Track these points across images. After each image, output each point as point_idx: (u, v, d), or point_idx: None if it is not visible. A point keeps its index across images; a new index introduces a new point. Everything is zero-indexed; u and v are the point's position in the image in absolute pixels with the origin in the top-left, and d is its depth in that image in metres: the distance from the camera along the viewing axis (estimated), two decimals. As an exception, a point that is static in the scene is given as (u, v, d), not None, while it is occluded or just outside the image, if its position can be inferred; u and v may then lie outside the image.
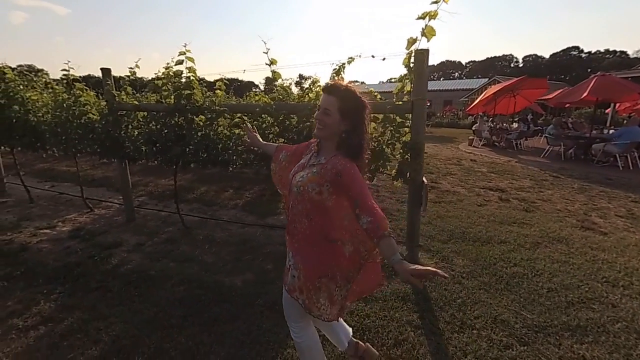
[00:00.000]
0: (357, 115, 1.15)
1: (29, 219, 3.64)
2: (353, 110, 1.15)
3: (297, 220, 1.23)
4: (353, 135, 1.15)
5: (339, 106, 1.13)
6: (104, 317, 1.99)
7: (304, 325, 1.36)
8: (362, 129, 1.17)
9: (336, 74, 3.08)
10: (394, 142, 2.39)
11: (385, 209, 4.10)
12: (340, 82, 1.19)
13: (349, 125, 1.14)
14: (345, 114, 1.14)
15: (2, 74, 3.81)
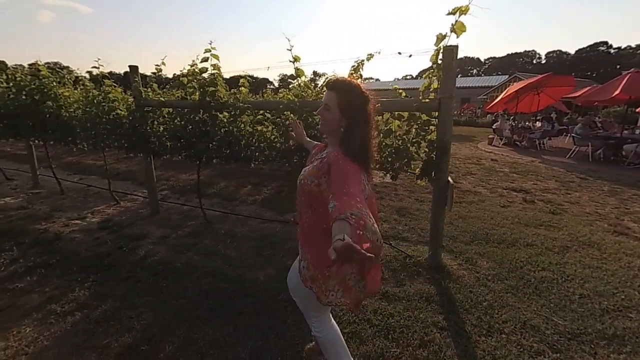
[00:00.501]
0: (357, 110, 1.13)
1: (61, 210, 3.82)
2: (353, 106, 1.13)
3: (302, 212, 1.25)
4: (354, 130, 1.13)
5: (338, 101, 1.13)
6: (134, 306, 2.07)
7: (323, 319, 1.37)
8: (363, 124, 1.14)
9: (354, 71, 3.05)
10: (419, 140, 2.35)
11: (404, 208, 4.05)
12: (342, 78, 1.18)
13: (349, 121, 1.13)
14: (344, 110, 1.13)
15: (37, 71, 3.99)
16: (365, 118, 1.15)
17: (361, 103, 1.14)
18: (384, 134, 2.47)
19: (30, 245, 2.86)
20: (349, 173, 1.02)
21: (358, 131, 1.13)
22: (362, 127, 1.14)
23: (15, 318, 1.96)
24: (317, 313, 1.35)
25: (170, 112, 3.35)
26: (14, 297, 2.16)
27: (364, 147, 1.13)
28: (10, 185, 4.80)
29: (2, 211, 3.68)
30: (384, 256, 1.31)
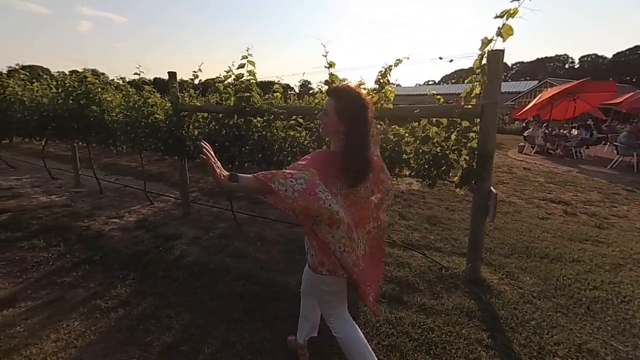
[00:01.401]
0: (354, 115, 1.17)
1: (100, 209, 4.02)
2: (350, 111, 1.17)
3: None
4: (351, 134, 1.17)
5: (335, 106, 1.18)
6: (172, 305, 2.12)
7: (339, 317, 1.39)
8: (360, 128, 1.17)
9: (382, 77, 3.01)
10: (459, 147, 2.27)
11: (435, 217, 3.92)
12: (342, 85, 1.24)
13: (346, 125, 1.17)
14: (341, 115, 1.17)
15: (84, 77, 4.27)
16: (362, 123, 1.18)
17: (358, 109, 1.18)
18: (421, 141, 2.41)
19: (75, 242, 3.02)
20: (304, 159, 1.15)
21: (356, 135, 1.17)
22: (359, 131, 1.17)
23: (64, 311, 2.06)
24: (331, 311, 1.38)
25: (205, 116, 3.45)
26: (62, 291, 2.27)
27: (355, 151, 1.16)
28: (55, 183, 5.12)
29: (49, 208, 3.93)
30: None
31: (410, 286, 2.39)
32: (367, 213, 1.29)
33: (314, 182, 1.03)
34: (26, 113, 4.79)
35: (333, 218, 1.05)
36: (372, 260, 1.33)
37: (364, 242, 1.30)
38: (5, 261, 2.67)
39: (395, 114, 2.42)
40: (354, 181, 1.19)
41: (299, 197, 0.99)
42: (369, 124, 1.20)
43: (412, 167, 2.47)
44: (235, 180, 1.04)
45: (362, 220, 1.28)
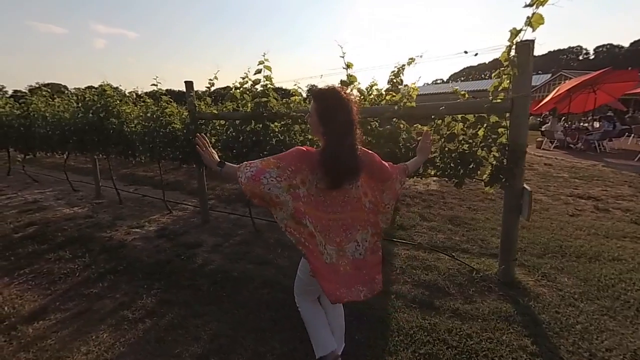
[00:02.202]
0: (332, 117, 1.20)
1: (121, 219, 4.07)
2: (328, 113, 1.20)
3: None
4: (329, 135, 1.21)
5: (316, 108, 1.24)
6: (199, 315, 2.09)
7: (301, 300, 1.57)
8: (338, 129, 1.19)
9: (395, 76, 2.94)
10: (489, 144, 2.17)
11: (457, 217, 3.80)
12: (325, 87, 1.26)
13: (325, 127, 1.21)
14: (321, 116, 1.22)
15: (103, 91, 4.37)
16: (341, 124, 1.19)
17: (337, 110, 1.20)
18: (446, 139, 2.32)
19: (99, 252, 3.05)
20: (278, 155, 1.23)
21: (332, 136, 1.20)
22: (337, 132, 1.19)
23: (93, 323, 2.06)
24: (298, 290, 1.57)
25: (222, 124, 3.46)
26: (89, 302, 2.28)
27: (330, 151, 1.19)
28: (77, 195, 5.25)
29: (73, 220, 4.01)
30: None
31: (441, 290, 2.30)
32: (362, 215, 1.33)
33: (262, 170, 1.17)
34: (48, 128, 4.94)
35: (273, 201, 1.16)
36: (372, 267, 1.38)
37: (366, 245, 1.36)
38: (34, 273, 2.71)
39: (418, 113, 2.35)
40: (332, 182, 1.23)
41: (247, 182, 1.17)
42: (347, 125, 1.20)
43: (437, 166, 2.38)
44: (221, 166, 1.30)
45: (356, 221, 1.32)
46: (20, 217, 4.13)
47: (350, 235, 1.32)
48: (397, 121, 2.46)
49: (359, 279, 1.33)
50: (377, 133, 2.50)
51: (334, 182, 1.23)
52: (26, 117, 5.38)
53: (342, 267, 1.29)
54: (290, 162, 1.20)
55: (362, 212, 1.33)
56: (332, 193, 1.26)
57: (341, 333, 1.61)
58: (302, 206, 1.19)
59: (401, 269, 2.63)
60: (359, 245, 1.33)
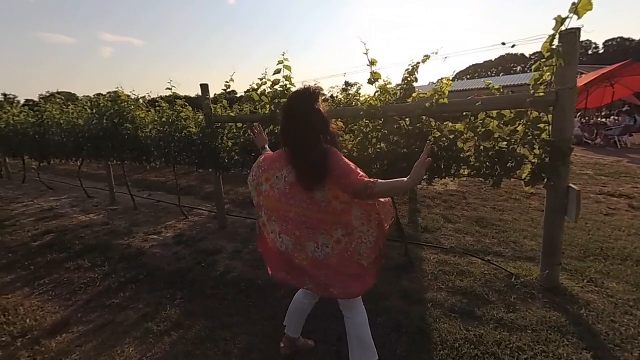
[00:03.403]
0: (293, 117, 1.33)
1: (137, 225, 4.01)
2: (290, 113, 1.35)
3: None
4: (291, 134, 1.35)
5: (284, 109, 1.42)
6: (226, 326, 1.99)
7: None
8: (299, 128, 1.30)
9: (409, 74, 2.82)
10: (531, 141, 2.03)
11: (483, 218, 3.65)
12: (295, 90, 1.42)
13: (285, 139, 1.39)
14: (286, 117, 1.38)
15: (117, 96, 4.34)
16: (300, 123, 1.29)
17: (295, 111, 1.31)
18: (482, 136, 2.19)
19: (118, 261, 2.99)
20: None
21: (292, 135, 1.32)
22: (298, 131, 1.30)
23: (117, 336, 1.98)
24: None
25: (240, 126, 3.38)
26: (112, 314, 2.20)
27: (292, 149, 1.33)
28: (91, 202, 5.23)
29: (90, 227, 3.96)
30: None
31: (480, 297, 2.16)
32: (327, 217, 1.30)
33: (252, 168, 1.52)
34: (63, 135, 4.94)
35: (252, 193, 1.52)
36: (338, 272, 1.32)
37: (327, 250, 1.32)
38: (54, 283, 2.65)
39: (452, 109, 2.23)
40: (297, 176, 1.30)
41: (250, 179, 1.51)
42: (306, 125, 1.27)
43: (472, 165, 2.25)
44: (262, 151, 1.73)
45: (323, 224, 1.30)
46: (37, 225, 4.11)
47: (312, 234, 1.31)
48: (427, 118, 2.34)
49: (314, 277, 1.33)
50: (406, 132, 2.39)
51: (298, 177, 1.29)
52: (40, 124, 5.40)
53: (298, 260, 1.33)
54: (265, 162, 1.46)
55: (332, 215, 1.30)
56: (298, 187, 1.31)
57: (359, 344, 1.43)
58: (261, 200, 1.43)
59: (433, 274, 2.49)
60: (318, 248, 1.31)
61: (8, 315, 2.22)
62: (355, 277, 1.34)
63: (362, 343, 1.42)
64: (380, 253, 1.41)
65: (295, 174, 1.30)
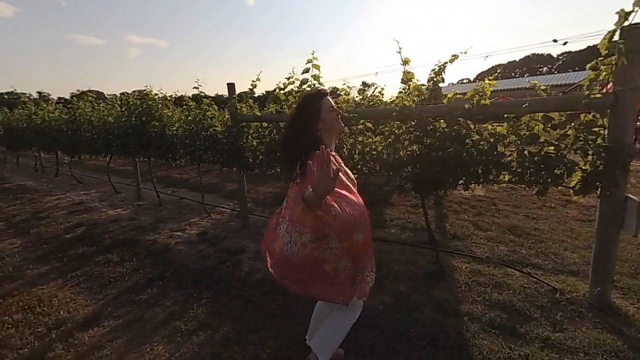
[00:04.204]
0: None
1: (162, 221, 4.08)
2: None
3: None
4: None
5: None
6: (253, 330, 1.95)
7: None
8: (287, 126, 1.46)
9: (436, 74, 2.68)
10: (585, 146, 1.87)
11: (516, 227, 3.45)
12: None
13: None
14: None
15: (145, 95, 4.44)
16: (289, 122, 1.42)
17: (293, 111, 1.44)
18: (525, 141, 2.04)
19: (145, 256, 3.03)
20: None
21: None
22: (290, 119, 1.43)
23: (146, 333, 1.98)
24: None
25: (266, 126, 3.36)
26: (140, 310, 2.22)
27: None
28: (118, 197, 5.39)
29: (117, 221, 4.07)
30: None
31: (520, 313, 2.01)
32: (301, 215, 1.25)
33: None
34: (94, 132, 5.12)
35: None
36: (301, 271, 1.31)
37: (294, 248, 1.26)
38: (85, 276, 2.72)
39: (494, 111, 2.10)
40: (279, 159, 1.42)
41: None
42: (290, 124, 1.40)
43: (514, 171, 2.11)
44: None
45: (297, 221, 1.27)
46: (69, 218, 4.27)
47: (290, 228, 1.29)
48: (464, 121, 2.22)
49: (285, 266, 1.34)
50: (441, 134, 2.27)
51: (279, 159, 1.43)
52: (73, 121, 5.62)
53: (278, 247, 1.32)
54: None
55: (304, 214, 1.24)
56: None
57: (318, 333, 1.53)
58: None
59: (466, 285, 2.36)
60: (290, 242, 1.27)
61: (43, 306, 2.29)
62: (318, 281, 1.30)
63: (319, 333, 1.51)
64: (351, 267, 1.31)
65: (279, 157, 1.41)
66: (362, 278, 1.38)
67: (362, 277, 1.38)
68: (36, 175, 7.73)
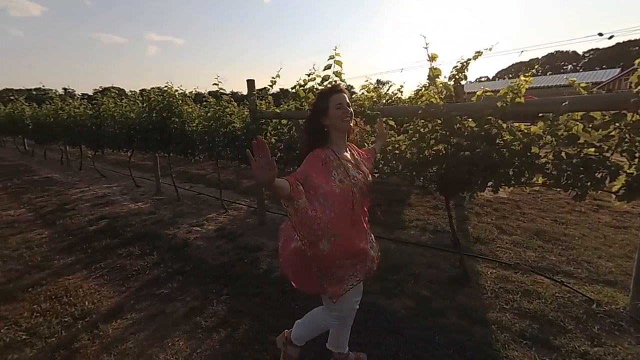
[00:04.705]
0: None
1: (181, 216, 4.14)
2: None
3: (363, 209, 1.39)
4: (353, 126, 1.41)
5: (349, 100, 1.37)
6: (274, 330, 1.92)
7: None
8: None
9: (458, 72, 2.55)
10: (631, 148, 1.73)
11: (544, 232, 3.29)
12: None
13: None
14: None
15: (165, 91, 4.50)
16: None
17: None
18: (563, 142, 1.92)
19: (165, 250, 3.08)
20: None
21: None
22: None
23: (167, 327, 2.00)
24: None
25: (285, 123, 3.33)
26: (162, 304, 2.24)
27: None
28: (139, 191, 5.52)
29: (138, 215, 4.16)
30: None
31: (553, 324, 1.90)
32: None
33: None
34: (116, 127, 5.25)
35: None
36: (287, 263, 1.45)
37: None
38: (108, 268, 2.78)
39: (529, 109, 1.98)
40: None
41: None
42: (305, 120, 1.46)
43: (549, 174, 1.99)
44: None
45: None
46: (93, 210, 4.40)
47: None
48: (495, 119, 2.11)
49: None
50: (470, 133, 2.17)
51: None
52: (97, 117, 5.79)
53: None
54: None
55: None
56: None
57: (307, 323, 1.60)
58: None
59: (493, 292, 2.26)
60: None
61: (70, 296, 2.35)
62: (294, 273, 1.41)
63: (304, 322, 1.59)
64: (312, 265, 1.29)
65: None
66: (335, 282, 1.30)
67: (336, 281, 1.30)
68: (62, 168, 8.04)
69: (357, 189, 1.30)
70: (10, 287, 2.48)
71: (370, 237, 1.46)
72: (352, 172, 1.32)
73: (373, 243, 1.48)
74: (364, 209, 1.40)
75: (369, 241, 1.42)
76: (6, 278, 2.63)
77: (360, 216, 1.36)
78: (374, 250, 1.45)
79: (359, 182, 1.32)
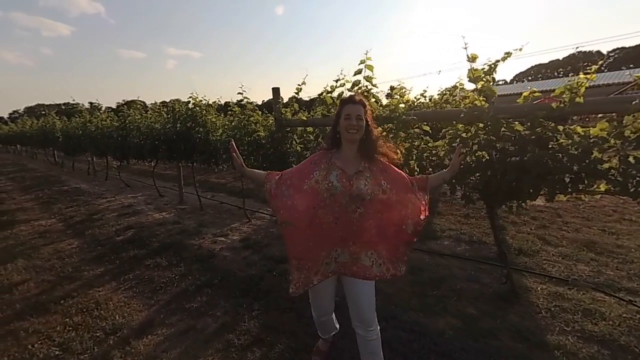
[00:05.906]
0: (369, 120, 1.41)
1: (205, 226, 4.11)
2: (367, 116, 1.39)
3: (364, 223, 1.36)
4: (370, 136, 1.40)
5: (364, 113, 1.37)
6: (310, 349, 1.81)
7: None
8: (374, 132, 1.43)
9: (486, 74, 2.38)
10: None
11: (594, 243, 3.02)
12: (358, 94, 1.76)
13: (367, 129, 1.39)
14: (367, 120, 1.38)
15: (189, 102, 4.56)
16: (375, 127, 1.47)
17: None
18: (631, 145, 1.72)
19: (192, 261, 3.03)
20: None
21: (373, 137, 1.42)
22: (374, 134, 1.44)
23: (199, 345, 1.91)
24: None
25: (311, 130, 3.26)
26: (192, 319, 2.17)
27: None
28: (162, 200, 5.58)
29: (164, 225, 4.17)
30: None
31: (627, 350, 1.68)
32: None
33: None
34: (141, 138, 5.36)
35: None
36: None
37: None
38: (137, 279, 2.75)
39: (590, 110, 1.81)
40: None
41: None
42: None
43: (613, 180, 1.79)
44: None
45: None
46: (119, 220, 4.46)
47: None
48: (548, 122, 1.94)
49: None
50: (519, 138, 2.00)
51: None
52: (123, 128, 5.95)
53: None
54: None
55: None
56: None
57: None
58: None
59: (548, 311, 2.05)
60: None
61: (100, 309, 2.32)
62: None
63: None
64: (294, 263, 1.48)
65: None
66: (294, 268, 1.48)
67: (295, 268, 1.47)
68: (89, 179, 8.31)
69: (330, 195, 1.32)
70: (43, 299, 2.48)
71: (369, 253, 1.41)
72: (331, 178, 1.34)
73: (378, 260, 1.43)
74: (374, 217, 1.36)
75: (350, 254, 1.39)
76: (39, 289, 2.64)
77: (332, 224, 1.34)
78: (379, 269, 1.42)
79: (336, 189, 1.32)
